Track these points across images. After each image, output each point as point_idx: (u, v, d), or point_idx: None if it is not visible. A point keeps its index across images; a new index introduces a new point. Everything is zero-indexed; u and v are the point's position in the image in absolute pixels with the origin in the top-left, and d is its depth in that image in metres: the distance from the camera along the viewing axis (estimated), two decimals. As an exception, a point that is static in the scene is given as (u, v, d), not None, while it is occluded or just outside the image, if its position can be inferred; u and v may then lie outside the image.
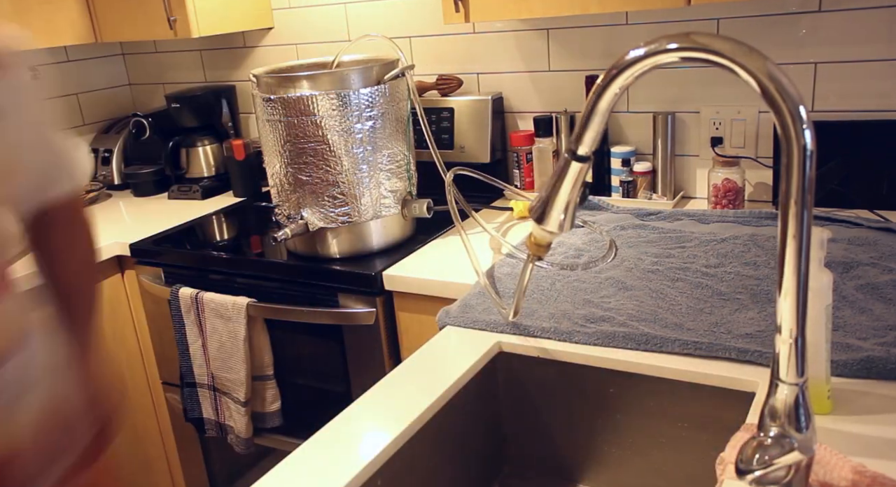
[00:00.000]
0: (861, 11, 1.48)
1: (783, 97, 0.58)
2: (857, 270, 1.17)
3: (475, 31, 1.89)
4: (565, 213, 0.86)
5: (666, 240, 1.40)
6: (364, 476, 0.84)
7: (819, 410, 0.85)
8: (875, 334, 0.99)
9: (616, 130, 1.79)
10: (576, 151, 0.79)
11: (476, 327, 1.15)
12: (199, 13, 1.95)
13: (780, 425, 0.65)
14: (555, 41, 1.80)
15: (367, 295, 1.49)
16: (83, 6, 2.07)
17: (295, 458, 0.87)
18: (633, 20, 1.70)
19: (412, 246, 1.59)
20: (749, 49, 0.60)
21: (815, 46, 1.54)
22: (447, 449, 1.02)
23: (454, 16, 1.53)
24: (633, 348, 1.03)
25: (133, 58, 2.52)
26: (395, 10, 1.97)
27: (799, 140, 0.59)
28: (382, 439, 0.88)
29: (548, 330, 1.09)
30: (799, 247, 0.61)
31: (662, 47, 0.64)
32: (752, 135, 1.63)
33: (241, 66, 2.30)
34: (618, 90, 0.71)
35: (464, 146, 1.87)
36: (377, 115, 1.49)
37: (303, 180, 1.49)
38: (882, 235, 1.31)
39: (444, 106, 1.89)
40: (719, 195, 1.59)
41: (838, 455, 0.73)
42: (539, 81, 1.85)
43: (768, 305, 1.09)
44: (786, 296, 0.63)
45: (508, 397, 1.14)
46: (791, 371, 0.65)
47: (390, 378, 1.03)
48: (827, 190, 1.51)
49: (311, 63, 1.70)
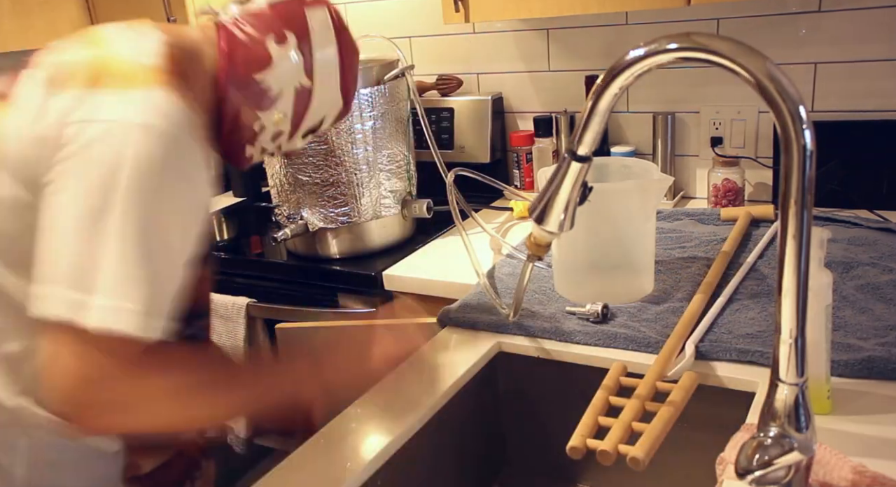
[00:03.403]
0: (861, 11, 1.48)
1: (783, 97, 0.58)
2: (857, 270, 1.17)
3: (475, 31, 1.89)
4: (565, 213, 0.86)
5: (666, 239, 1.40)
6: (364, 476, 0.84)
7: (819, 410, 0.85)
8: (875, 334, 0.99)
9: (616, 130, 1.79)
10: (576, 151, 0.79)
11: (476, 327, 1.15)
12: (199, 13, 1.95)
13: (780, 425, 0.65)
14: (555, 41, 1.80)
15: (367, 295, 1.49)
16: (83, 6, 2.07)
17: (295, 458, 0.87)
18: (633, 20, 1.69)
19: (412, 246, 1.59)
20: (749, 49, 0.60)
21: (815, 46, 1.54)
22: (447, 449, 1.02)
23: (454, 16, 1.53)
24: (634, 349, 1.03)
25: (133, 58, 2.52)
26: (395, 10, 1.97)
27: (799, 140, 0.59)
28: (382, 439, 0.88)
29: (548, 330, 1.09)
30: (799, 247, 0.61)
31: (662, 47, 0.64)
32: (752, 135, 1.63)
33: (241, 66, 2.30)
34: (618, 90, 0.71)
35: (464, 146, 1.87)
36: (377, 115, 1.49)
37: (303, 180, 1.49)
38: (882, 235, 1.31)
39: (444, 106, 1.89)
40: (719, 195, 1.59)
41: (838, 455, 0.73)
42: (539, 81, 1.85)
43: (769, 305, 1.09)
44: (786, 296, 0.63)
45: (508, 397, 1.14)
46: (791, 371, 0.65)
47: (390, 378, 1.03)
48: (827, 190, 1.51)
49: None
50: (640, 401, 0.88)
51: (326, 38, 0.95)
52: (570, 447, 0.82)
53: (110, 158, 0.72)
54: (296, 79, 0.93)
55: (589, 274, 1.16)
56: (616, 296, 1.15)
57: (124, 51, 0.81)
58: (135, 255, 0.71)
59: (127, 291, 0.70)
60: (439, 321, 1.18)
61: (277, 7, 0.93)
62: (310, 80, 0.94)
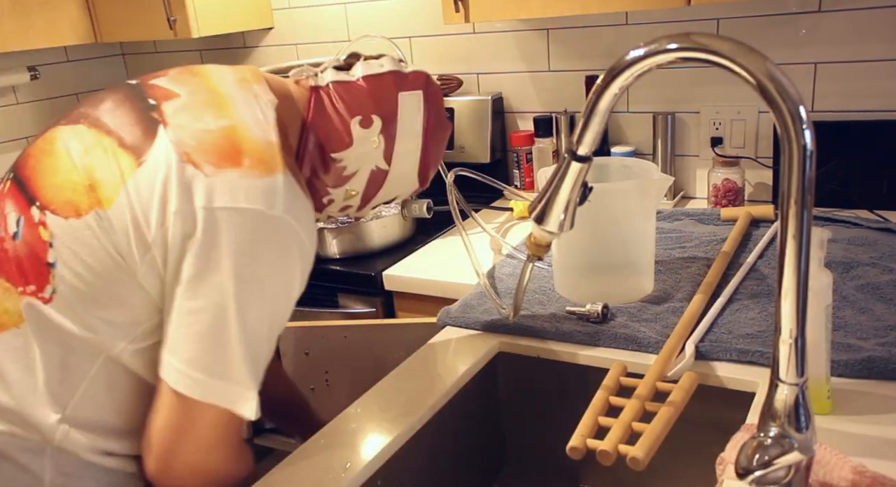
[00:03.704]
0: (861, 11, 1.48)
1: (783, 97, 0.58)
2: (857, 270, 1.17)
3: (475, 31, 1.89)
4: (565, 213, 0.86)
5: (666, 239, 1.40)
6: (364, 476, 0.84)
7: (819, 410, 0.85)
8: (875, 334, 0.98)
9: (616, 130, 1.79)
10: (576, 151, 0.79)
11: (476, 327, 1.15)
12: (199, 13, 1.95)
13: (780, 425, 0.65)
14: (555, 41, 1.80)
15: (367, 295, 1.49)
16: (83, 6, 2.07)
17: (295, 458, 0.87)
18: (633, 20, 1.70)
19: (412, 246, 1.59)
20: (749, 49, 0.60)
21: (815, 46, 1.54)
22: (447, 449, 1.02)
23: (454, 16, 1.53)
24: (634, 349, 1.03)
25: (133, 58, 2.52)
26: (395, 10, 1.97)
27: (799, 140, 0.59)
28: (382, 439, 0.88)
29: (548, 330, 1.09)
30: (799, 247, 0.61)
31: (662, 47, 0.64)
32: (752, 135, 1.63)
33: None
34: (618, 90, 0.70)
35: (464, 146, 1.87)
36: (377, 115, 1.49)
37: (303, 180, 1.49)
38: (882, 235, 1.31)
39: (445, 106, 1.88)
40: (719, 195, 1.59)
41: (838, 455, 0.73)
42: (539, 81, 1.85)
43: (769, 305, 1.09)
44: (786, 296, 0.63)
45: (508, 397, 1.14)
46: (791, 371, 0.65)
47: (390, 378, 1.03)
48: (827, 190, 1.51)
49: (311, 63, 1.70)
50: (640, 401, 0.88)
51: (413, 126, 0.95)
52: (570, 447, 0.82)
53: (244, 247, 0.76)
54: (373, 162, 0.94)
55: (589, 274, 1.16)
56: (616, 296, 1.15)
57: (251, 122, 0.82)
58: (255, 343, 0.78)
59: (247, 380, 0.78)
60: (439, 321, 1.18)
61: (372, 82, 0.93)
62: (387, 165, 0.95)
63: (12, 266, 0.78)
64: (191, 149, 0.78)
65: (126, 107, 0.82)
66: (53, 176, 0.79)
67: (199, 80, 0.86)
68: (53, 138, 0.82)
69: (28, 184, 0.80)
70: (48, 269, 0.77)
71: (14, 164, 0.85)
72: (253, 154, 0.79)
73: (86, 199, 0.77)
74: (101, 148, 0.79)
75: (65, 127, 0.83)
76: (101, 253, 0.77)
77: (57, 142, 0.81)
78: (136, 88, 0.85)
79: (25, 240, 0.78)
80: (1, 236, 0.80)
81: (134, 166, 0.77)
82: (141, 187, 0.76)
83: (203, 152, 0.78)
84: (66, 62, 2.37)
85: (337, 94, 0.92)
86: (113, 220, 0.76)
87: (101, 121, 0.81)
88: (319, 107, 0.91)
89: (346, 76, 0.94)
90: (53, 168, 0.79)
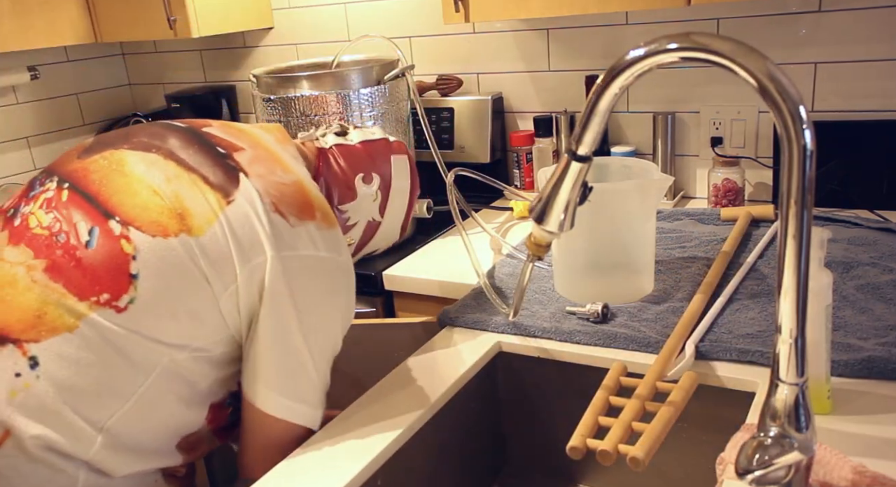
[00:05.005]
0: (861, 11, 1.48)
1: (783, 97, 0.58)
2: (857, 270, 1.17)
3: (475, 31, 1.89)
4: (565, 213, 0.86)
5: (666, 239, 1.40)
6: (364, 476, 0.84)
7: (819, 410, 0.85)
8: (876, 334, 0.99)
9: (616, 130, 1.79)
10: (576, 151, 0.79)
11: (476, 327, 1.15)
12: (199, 13, 1.95)
13: (780, 425, 0.65)
14: (555, 41, 1.80)
15: (368, 295, 1.49)
16: (83, 6, 2.07)
17: (295, 458, 0.87)
18: (633, 20, 1.70)
19: (412, 246, 1.59)
20: (749, 49, 0.60)
21: (815, 46, 1.54)
22: (447, 449, 1.02)
23: (454, 16, 1.53)
24: (634, 349, 1.03)
25: (133, 58, 2.52)
26: (394, 10, 1.97)
27: (799, 140, 0.59)
28: (382, 439, 0.88)
29: (548, 330, 1.09)
30: (799, 247, 0.61)
31: (662, 47, 0.64)
32: (752, 135, 1.63)
33: (241, 66, 2.30)
34: (618, 90, 0.71)
35: (464, 146, 1.87)
36: (377, 115, 1.49)
37: (303, 180, 1.49)
38: (882, 235, 1.31)
39: (444, 106, 1.89)
40: (719, 195, 1.59)
41: (838, 455, 0.73)
42: (539, 81, 1.85)
43: (769, 305, 1.09)
44: (786, 296, 0.63)
45: (508, 397, 1.14)
46: (791, 371, 0.65)
47: (390, 377, 1.03)
48: (827, 190, 1.51)
49: (311, 63, 1.70)
50: (640, 401, 0.88)
51: (402, 185, 1.09)
52: (570, 447, 0.82)
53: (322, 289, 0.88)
54: (370, 214, 1.06)
55: (589, 274, 1.16)
56: (616, 296, 1.15)
57: (306, 179, 0.92)
58: (324, 372, 0.91)
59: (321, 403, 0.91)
60: (439, 321, 1.18)
61: (368, 146, 1.07)
62: (381, 217, 1.08)
63: (76, 273, 0.80)
64: (276, 200, 0.86)
65: (196, 148, 0.88)
66: (133, 196, 0.83)
67: (248, 136, 0.93)
68: (121, 160, 0.86)
69: (98, 198, 0.83)
70: (129, 280, 0.80)
71: (57, 172, 0.87)
72: (320, 208, 0.90)
73: (175, 224, 0.82)
74: (188, 181, 0.84)
75: (132, 151, 0.86)
76: (187, 273, 0.81)
77: (126, 165, 0.85)
78: (194, 133, 0.90)
79: (103, 249, 0.80)
80: (71, 244, 0.81)
81: (223, 203, 0.84)
82: (234, 224, 0.83)
83: (286, 204, 0.87)
84: (66, 62, 2.37)
85: (341, 155, 1.04)
86: (207, 248, 0.82)
87: (177, 155, 0.86)
88: (328, 166, 1.02)
89: (345, 141, 1.06)
90: (129, 189, 0.83)
